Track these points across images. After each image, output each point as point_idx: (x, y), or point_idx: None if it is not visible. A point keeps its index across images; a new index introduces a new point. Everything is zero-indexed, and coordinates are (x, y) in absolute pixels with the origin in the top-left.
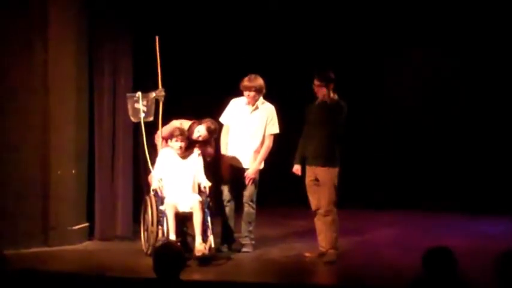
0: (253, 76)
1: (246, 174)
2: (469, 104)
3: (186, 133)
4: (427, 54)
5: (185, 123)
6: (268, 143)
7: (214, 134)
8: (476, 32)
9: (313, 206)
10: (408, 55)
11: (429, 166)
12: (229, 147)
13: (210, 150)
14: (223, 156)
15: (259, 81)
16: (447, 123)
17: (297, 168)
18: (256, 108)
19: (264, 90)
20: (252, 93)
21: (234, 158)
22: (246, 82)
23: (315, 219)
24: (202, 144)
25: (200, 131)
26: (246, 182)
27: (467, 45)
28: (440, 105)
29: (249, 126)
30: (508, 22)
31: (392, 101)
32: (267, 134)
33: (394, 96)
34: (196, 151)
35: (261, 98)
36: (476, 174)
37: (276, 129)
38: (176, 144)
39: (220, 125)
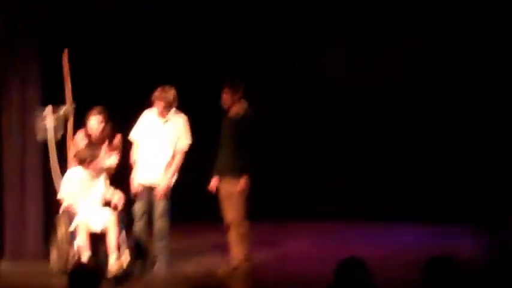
0: (166, 87)
1: (156, 191)
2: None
3: (95, 157)
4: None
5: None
6: (179, 158)
7: (104, 113)
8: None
9: (226, 219)
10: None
11: (337, 176)
12: (140, 160)
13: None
14: (134, 172)
15: (171, 93)
16: (357, 126)
17: (213, 182)
18: (168, 120)
19: (175, 102)
20: (162, 104)
21: (144, 173)
22: (157, 93)
23: (228, 232)
24: (107, 137)
25: (93, 123)
26: (157, 198)
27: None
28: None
29: (160, 139)
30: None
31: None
32: (178, 149)
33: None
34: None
35: (173, 110)
36: (387, 183)
37: (186, 142)
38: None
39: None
